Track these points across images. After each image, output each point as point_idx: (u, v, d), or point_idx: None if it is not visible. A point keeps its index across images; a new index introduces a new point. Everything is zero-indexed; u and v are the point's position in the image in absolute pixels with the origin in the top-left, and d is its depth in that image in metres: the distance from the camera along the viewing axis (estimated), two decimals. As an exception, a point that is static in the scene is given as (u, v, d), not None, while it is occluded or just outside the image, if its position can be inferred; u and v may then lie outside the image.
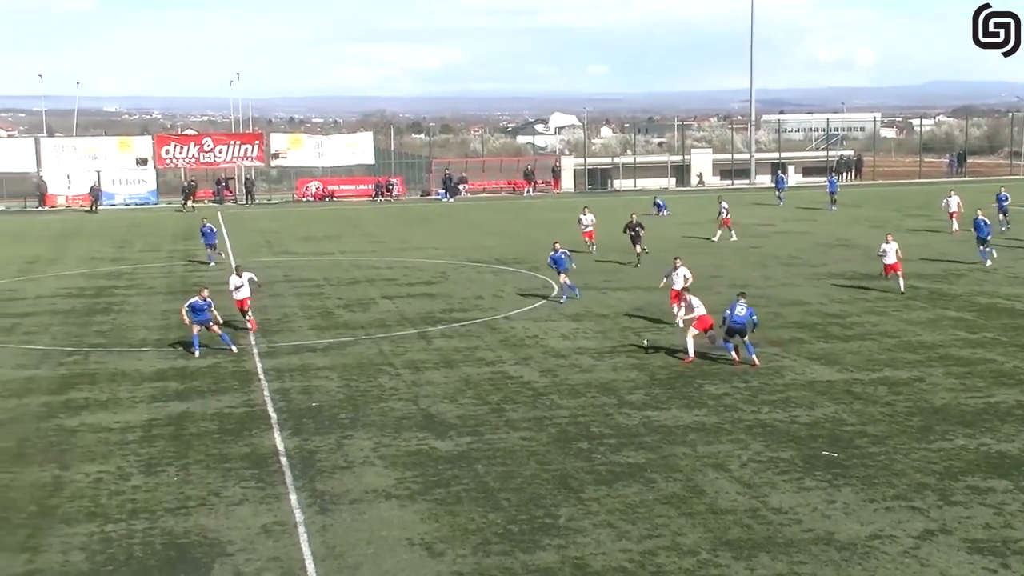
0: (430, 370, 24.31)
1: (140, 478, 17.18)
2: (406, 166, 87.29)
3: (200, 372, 24.42)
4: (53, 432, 19.83)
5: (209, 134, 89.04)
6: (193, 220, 63.45)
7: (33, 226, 61.85)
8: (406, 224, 60.00)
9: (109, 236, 55.39)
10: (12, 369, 24.99)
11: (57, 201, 75.65)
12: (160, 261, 44.59)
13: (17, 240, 54.27)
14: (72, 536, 14.80)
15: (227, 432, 19.69)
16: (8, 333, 29.41)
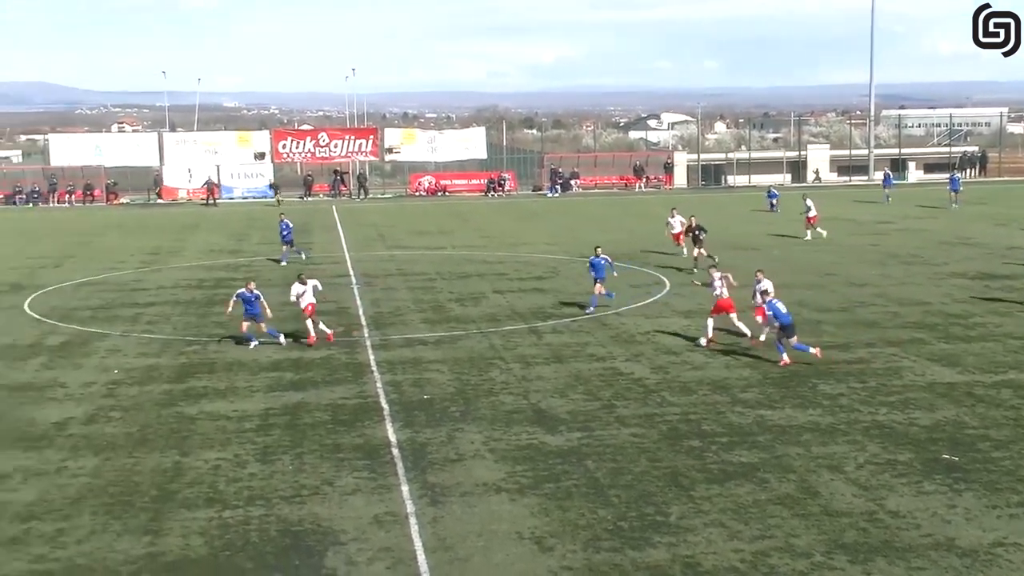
0: (540, 365, 24.35)
1: (256, 466, 17.57)
2: (518, 161, 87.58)
3: (314, 363, 24.87)
4: (174, 419, 20.41)
5: (325, 129, 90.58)
6: (307, 213, 64.67)
7: (155, 219, 63.71)
8: (517, 219, 60.20)
9: (227, 229, 56.77)
10: (135, 357, 25.79)
11: (178, 194, 77.79)
12: (276, 254, 45.49)
13: (140, 232, 55.98)
14: (191, 521, 15.21)
15: (340, 423, 20.01)
16: (132, 322, 30.35)
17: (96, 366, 24.91)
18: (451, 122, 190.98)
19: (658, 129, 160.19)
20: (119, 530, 14.89)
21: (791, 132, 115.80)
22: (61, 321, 30.48)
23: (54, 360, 25.60)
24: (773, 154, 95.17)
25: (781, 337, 23.96)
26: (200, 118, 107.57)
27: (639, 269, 39.15)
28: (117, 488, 16.55)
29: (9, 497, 16.20)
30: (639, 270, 38.94)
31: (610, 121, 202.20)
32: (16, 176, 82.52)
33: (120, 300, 34.21)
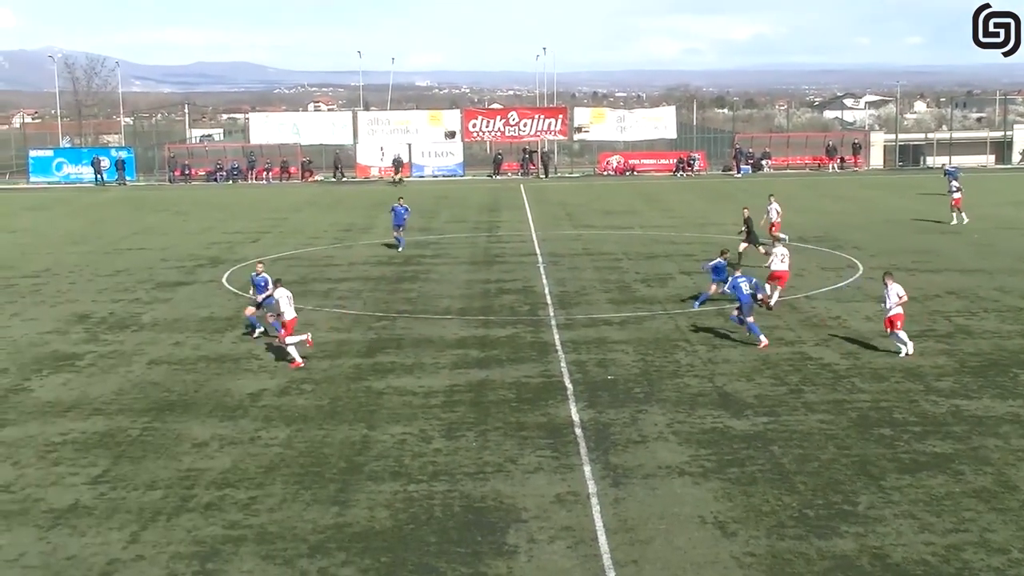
0: (727, 348, 24.02)
1: (441, 441, 17.96)
2: (708, 141, 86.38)
3: (499, 342, 25.20)
4: (362, 393, 21.04)
5: (514, 108, 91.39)
6: (495, 191, 65.49)
7: (347, 196, 65.65)
8: (707, 199, 59.42)
9: (417, 207, 57.89)
10: (327, 332, 26.67)
11: (370, 172, 79.92)
12: (465, 232, 46.27)
13: (334, 209, 57.79)
14: (377, 493, 15.67)
15: (524, 401, 20.24)
16: (325, 297, 31.41)
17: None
18: (641, 101, 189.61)
19: (854, 108, 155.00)
20: (308, 500, 15.48)
21: (996, 112, 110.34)
22: (258, 295, 31.74)
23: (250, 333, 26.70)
24: (976, 134, 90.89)
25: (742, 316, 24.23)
26: (393, 97, 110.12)
27: (831, 252, 38.10)
28: (307, 459, 17.20)
29: (207, 464, 17.05)
30: (832, 253, 37.89)
31: (804, 100, 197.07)
32: (217, 154, 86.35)
33: (313, 275, 35.44)
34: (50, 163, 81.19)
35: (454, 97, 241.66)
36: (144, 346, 25.37)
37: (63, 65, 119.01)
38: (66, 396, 21.08)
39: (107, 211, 59.20)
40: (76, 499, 15.58)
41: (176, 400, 20.70)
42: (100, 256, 40.70)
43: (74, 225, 51.96)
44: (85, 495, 15.73)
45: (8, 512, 15.13)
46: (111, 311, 29.71)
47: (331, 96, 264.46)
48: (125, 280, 34.86)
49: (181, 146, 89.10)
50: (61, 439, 18.34)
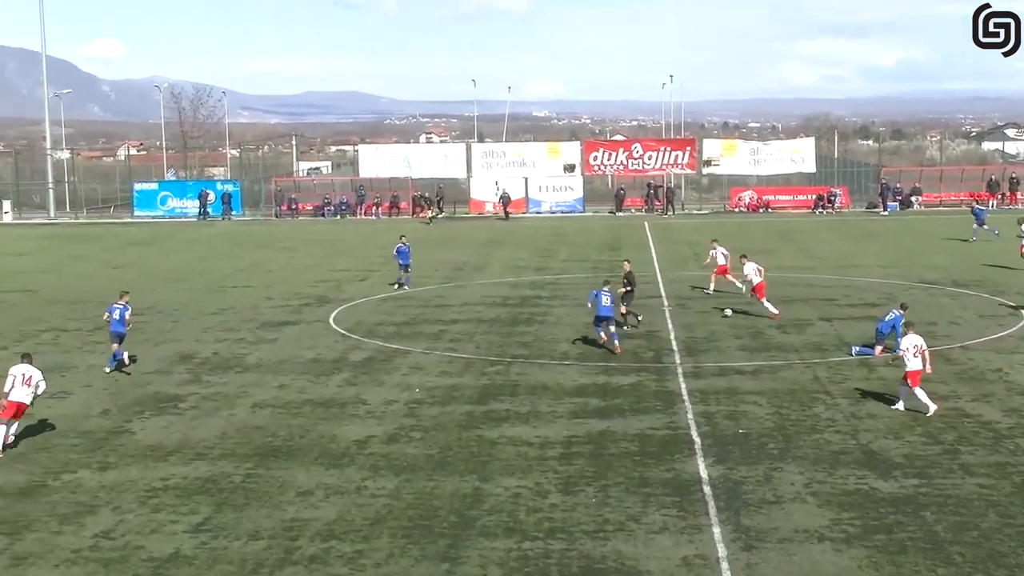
0: (872, 402, 23.51)
1: (558, 496, 17.89)
2: (851, 175, 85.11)
3: (622, 390, 25.08)
4: (474, 442, 21.13)
5: (639, 140, 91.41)
6: (617, 229, 65.42)
7: (460, 233, 66.25)
8: (849, 239, 58.45)
9: (534, 244, 58.26)
10: (437, 376, 26.89)
11: (484, 207, 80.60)
12: (584, 272, 46.27)
13: (445, 246, 58.38)
14: (490, 550, 15.67)
15: (648, 455, 20.07)
16: (435, 340, 31.69)
17: (398, 384, 26.17)
18: (776, 132, 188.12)
19: (1018, 139, 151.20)
20: (417, 555, 15.55)
21: None
22: (365, 336, 32.24)
23: (357, 376, 27.11)
24: None
25: None
26: (509, 128, 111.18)
27: (990, 297, 37.08)
28: (416, 511, 17.30)
29: (312, 514, 17.27)
30: (990, 298, 36.88)
31: (959, 130, 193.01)
32: (325, 187, 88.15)
33: (424, 316, 35.80)
34: (155, 196, 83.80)
35: (574, 128, 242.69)
36: (248, 388, 25.91)
37: (169, 95, 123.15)
38: (168, 439, 21.62)
39: (212, 247, 60.82)
40: (177, 548, 15.92)
41: (280, 446, 21.06)
42: (204, 294, 41.78)
43: (178, 261, 53.49)
44: (186, 544, 16.07)
45: (108, 560, 15.53)
46: (215, 351, 30.44)
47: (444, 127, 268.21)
48: (229, 319, 35.70)
49: (288, 179, 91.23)
50: (162, 484, 18.80)
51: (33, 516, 17.31)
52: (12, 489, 18.65)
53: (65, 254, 57.81)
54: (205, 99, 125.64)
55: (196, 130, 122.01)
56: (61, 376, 27.43)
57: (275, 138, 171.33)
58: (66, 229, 76.18)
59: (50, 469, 19.77)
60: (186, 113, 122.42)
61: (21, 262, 54.00)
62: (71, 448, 21.14)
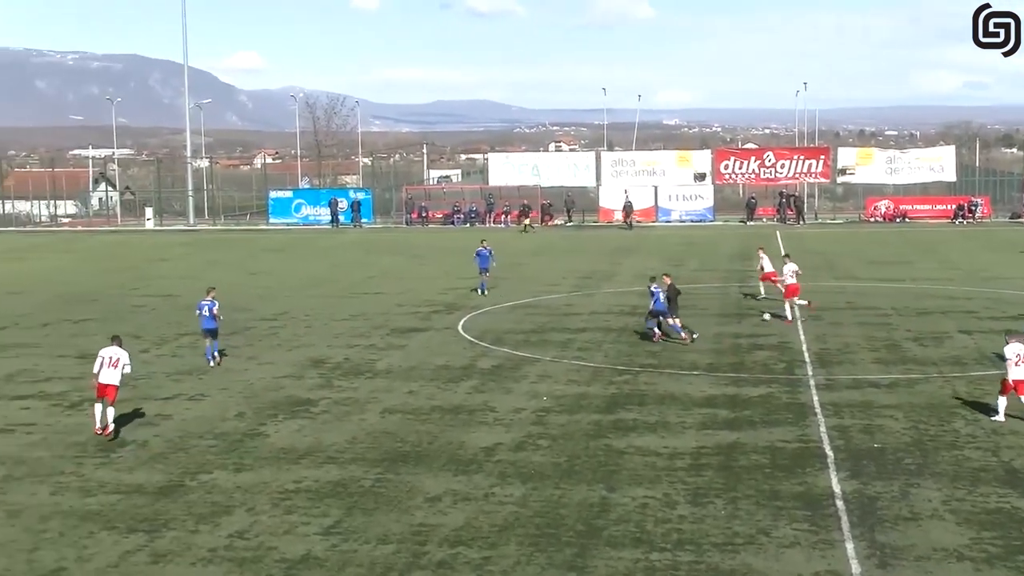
0: (1015, 419, 22.78)
1: (687, 507, 17.74)
2: (993, 184, 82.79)
3: (752, 401, 24.78)
4: (602, 451, 21.07)
5: (771, 148, 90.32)
6: (747, 238, 64.70)
7: (588, 241, 66.25)
8: (991, 250, 56.87)
9: (663, 253, 57.93)
10: (565, 384, 26.91)
11: (613, 216, 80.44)
12: (715, 281, 45.86)
13: (574, 254, 58.45)
14: (617, 560, 15.60)
15: (779, 467, 19.78)
16: (563, 348, 31.72)
17: (526, 392, 26.26)
18: (914, 140, 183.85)
19: None
20: (543, 563, 15.57)
21: None
22: (493, 344, 32.43)
23: (485, 383, 27.28)
24: None
25: None
26: (639, 137, 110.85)
27: None
28: (543, 519, 17.32)
29: (439, 520, 17.43)
30: None
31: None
32: (455, 196, 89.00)
33: (551, 324, 35.87)
34: (289, 204, 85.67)
35: (704, 136, 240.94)
36: (378, 394, 26.28)
37: (304, 105, 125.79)
38: (300, 443, 22.04)
39: (344, 254, 61.93)
40: (308, 550, 16.21)
41: (409, 451, 21.30)
42: (336, 300, 42.53)
43: (311, 268, 54.56)
44: (317, 546, 16.36)
45: (243, 559, 15.89)
46: (346, 356, 30.95)
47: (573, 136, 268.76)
48: (360, 325, 36.26)
49: (419, 188, 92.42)
50: (295, 487, 19.17)
51: (171, 515, 17.81)
52: (152, 488, 19.22)
53: (203, 260, 59.46)
54: (338, 108, 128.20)
55: (329, 139, 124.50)
56: (199, 379, 28.23)
57: (406, 147, 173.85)
58: (204, 236, 78.39)
59: (188, 469, 20.32)
60: (320, 122, 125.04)
61: (162, 268, 55.70)
62: (208, 449, 21.70)
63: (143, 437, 22.59)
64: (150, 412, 24.68)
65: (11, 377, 28.76)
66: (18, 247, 69.85)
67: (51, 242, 74.47)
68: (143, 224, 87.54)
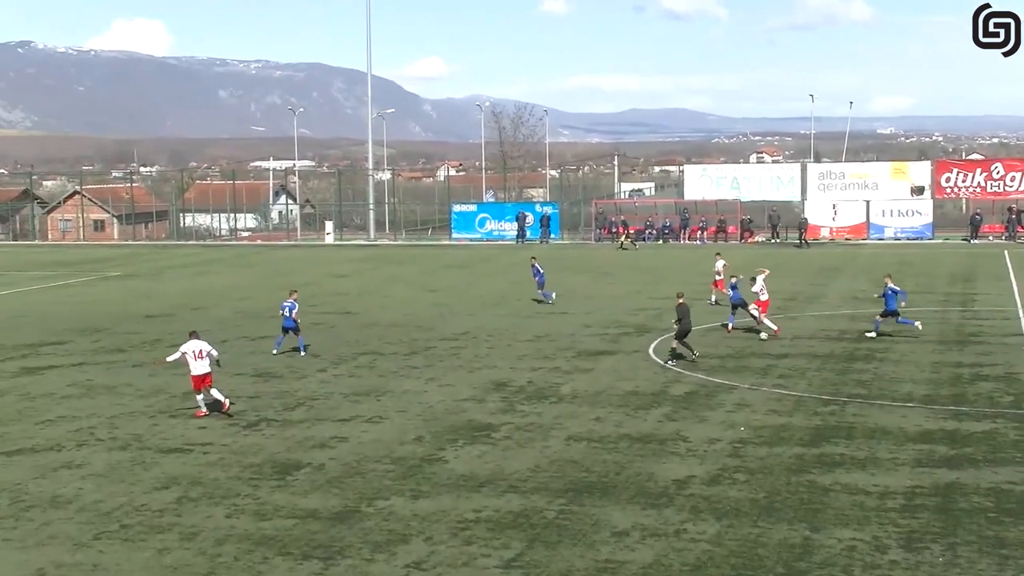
0: None
1: (899, 552, 17.23)
2: None
3: (974, 438, 23.93)
4: (804, 488, 20.66)
5: (999, 159, 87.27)
6: (971, 258, 62.56)
7: (791, 260, 65.10)
8: None
9: (873, 273, 56.46)
10: (764, 414, 26.49)
11: (820, 233, 78.95)
12: (932, 305, 44.48)
13: (774, 274, 57.45)
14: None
15: (1005, 512, 19.03)
16: (763, 375, 31.25)
17: (721, 421, 25.96)
18: None
19: None
20: (739, 607, 15.32)
21: None
22: (686, 369, 32.17)
23: (677, 411, 27.08)
24: None
25: None
26: (849, 147, 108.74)
27: None
28: (739, 560, 17.08)
29: (627, 556, 17.36)
30: None
31: None
32: (648, 210, 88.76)
33: (751, 349, 35.39)
34: (473, 218, 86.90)
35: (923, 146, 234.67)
36: (563, 420, 26.37)
37: (490, 114, 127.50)
38: (481, 470, 22.29)
39: (529, 271, 62.40)
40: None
41: (595, 482, 21.30)
42: (520, 319, 42.90)
43: (495, 285, 55.22)
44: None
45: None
46: (530, 379, 31.18)
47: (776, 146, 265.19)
48: (545, 347, 36.47)
49: (609, 201, 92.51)
50: (474, 516, 19.38)
51: (347, 542, 18.22)
52: (327, 513, 19.71)
53: (383, 276, 60.83)
54: (526, 118, 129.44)
55: (516, 150, 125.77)
56: (376, 400, 28.85)
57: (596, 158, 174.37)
58: (385, 251, 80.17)
59: (364, 495, 20.76)
60: (506, 132, 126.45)
61: (341, 284, 57.19)
62: (385, 474, 22.13)
63: (319, 460, 23.19)
64: (326, 434, 25.34)
65: (189, 395, 29.88)
66: (198, 261, 72.75)
67: (230, 256, 77.33)
68: (323, 238, 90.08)
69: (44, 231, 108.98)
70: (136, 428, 26.34)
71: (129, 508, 20.24)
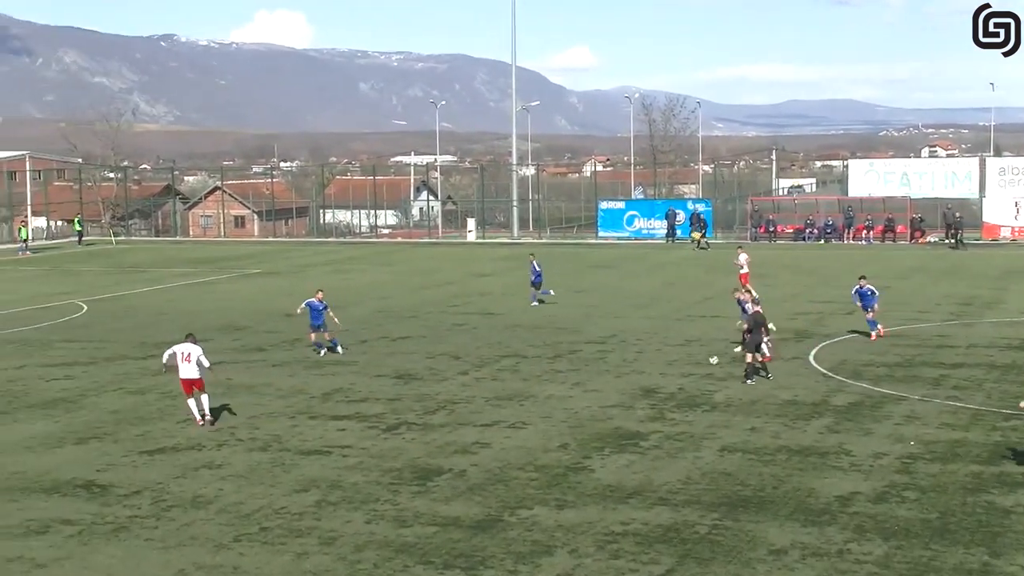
0: None
1: (1085, 581, 16.62)
2: None
3: None
4: (982, 509, 20.06)
5: None
6: None
7: (968, 262, 63.49)
8: None
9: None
10: (937, 428, 25.83)
11: (999, 233, 76.85)
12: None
13: (950, 277, 56.15)
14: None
15: None
16: (935, 386, 30.47)
17: (888, 434, 25.38)
18: None
19: None
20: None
21: None
22: (850, 378, 31.56)
23: (840, 423, 26.55)
24: None
25: None
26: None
27: None
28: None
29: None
30: None
31: None
32: (808, 208, 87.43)
33: (921, 358, 34.57)
34: (621, 216, 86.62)
35: None
36: (716, 429, 26.09)
37: (640, 106, 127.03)
38: (628, 480, 22.16)
39: (679, 271, 62.05)
40: (635, 600, 16.23)
41: (751, 496, 21.00)
42: (670, 322, 42.61)
43: (643, 286, 54.96)
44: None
45: (563, 606, 16.09)
46: (680, 386, 30.92)
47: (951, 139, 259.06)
48: (697, 352, 36.13)
49: (766, 199, 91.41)
50: (622, 529, 19.27)
51: (489, 552, 18.28)
52: (469, 521, 19.81)
53: (526, 276, 60.90)
54: (677, 110, 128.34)
55: (666, 144, 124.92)
56: (519, 405, 28.91)
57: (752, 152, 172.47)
58: (529, 249, 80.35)
59: (507, 503, 20.81)
60: (656, 125, 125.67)
61: (483, 283, 57.55)
62: (528, 482, 22.15)
63: (460, 466, 23.32)
64: (468, 439, 25.48)
65: (328, 396, 30.39)
66: (338, 259, 73.92)
67: (370, 254, 78.41)
68: (464, 236, 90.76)
69: (185, 227, 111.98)
70: (276, 429, 26.85)
71: (269, 510, 20.63)
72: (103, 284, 60.29)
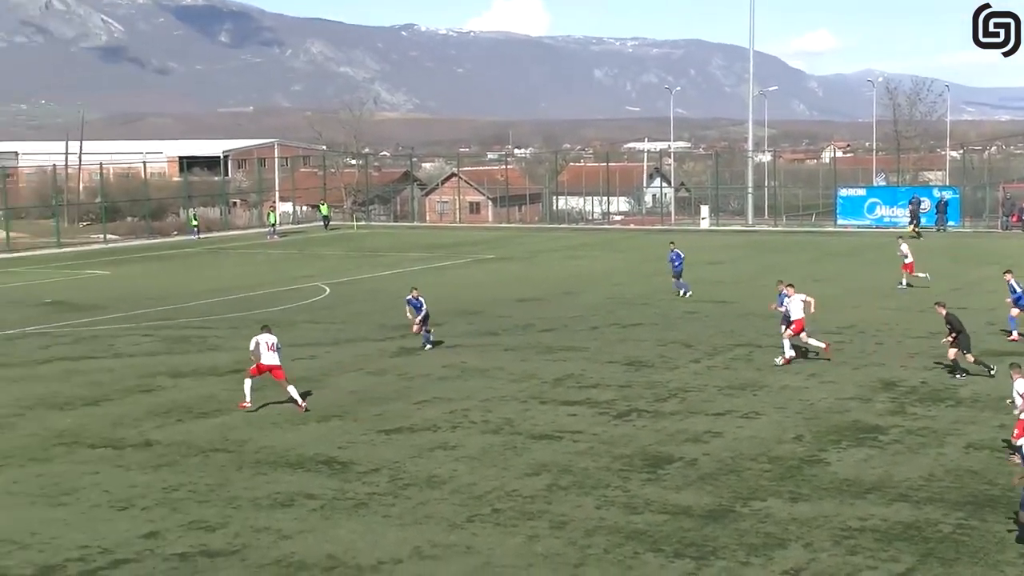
0: None
1: None
2: None
3: None
4: None
5: None
6: None
7: None
8: None
9: None
10: None
11: None
12: None
13: None
14: None
15: None
16: None
17: None
18: None
19: None
20: None
21: None
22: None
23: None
24: None
25: None
26: None
27: None
28: None
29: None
30: None
31: None
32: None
33: None
34: (861, 203, 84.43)
35: None
36: (961, 425, 25.22)
37: (883, 90, 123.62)
38: (866, 475, 21.61)
39: (923, 262, 60.06)
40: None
41: (999, 496, 20.20)
42: (912, 314, 41.29)
43: (884, 276, 53.39)
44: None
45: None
46: (923, 380, 29.99)
47: None
48: (940, 345, 34.86)
49: (1019, 186, 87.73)
50: (859, 524, 18.81)
51: (720, 542, 18.10)
52: (700, 511, 19.65)
53: (760, 264, 60.09)
54: (924, 94, 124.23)
55: (911, 129, 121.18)
56: (753, 395, 28.54)
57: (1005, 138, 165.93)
58: (764, 237, 79.24)
59: (739, 494, 20.56)
60: (901, 110, 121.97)
61: (717, 271, 56.92)
62: (761, 474, 21.84)
63: (692, 455, 23.16)
64: (700, 428, 25.27)
65: (560, 381, 30.57)
66: (570, 245, 74.27)
67: (603, 240, 78.52)
68: (698, 223, 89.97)
69: (422, 212, 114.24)
70: (507, 412, 27.17)
71: (501, 492, 20.90)
72: (345, 268, 62.12)
